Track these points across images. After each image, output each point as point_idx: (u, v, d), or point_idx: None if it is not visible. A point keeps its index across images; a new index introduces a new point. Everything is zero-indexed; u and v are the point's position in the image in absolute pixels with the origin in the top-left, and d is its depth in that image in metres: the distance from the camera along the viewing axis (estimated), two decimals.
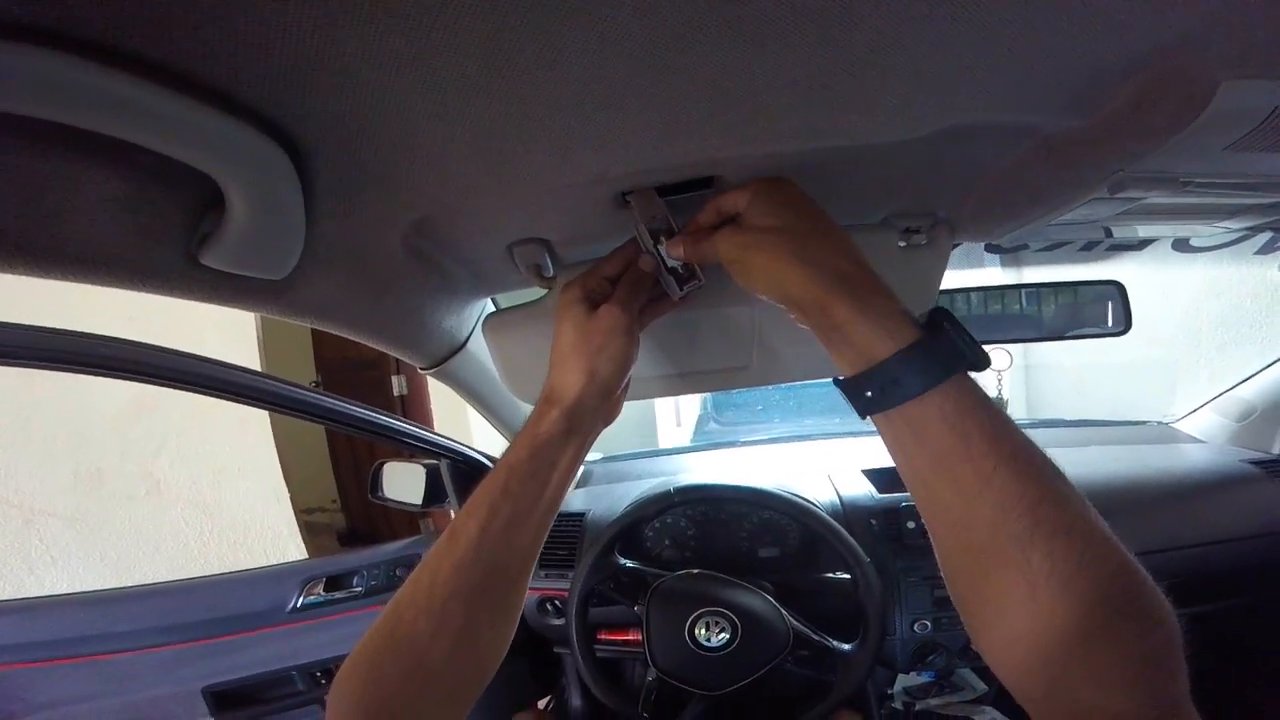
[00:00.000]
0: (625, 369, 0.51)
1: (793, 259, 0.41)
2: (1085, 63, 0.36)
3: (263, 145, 0.33)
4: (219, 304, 0.42)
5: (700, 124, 0.39)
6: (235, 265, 0.39)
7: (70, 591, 1.05)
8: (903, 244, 0.61)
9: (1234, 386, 1.45)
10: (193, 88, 0.28)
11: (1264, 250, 0.89)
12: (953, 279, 1.11)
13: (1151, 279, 1.95)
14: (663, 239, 0.50)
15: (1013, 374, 2.76)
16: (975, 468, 0.35)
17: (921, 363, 0.36)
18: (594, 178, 0.44)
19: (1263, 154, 0.42)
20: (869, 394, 0.38)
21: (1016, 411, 2.76)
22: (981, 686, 1.17)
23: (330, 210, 0.41)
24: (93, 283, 0.35)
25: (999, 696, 1.20)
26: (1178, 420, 1.59)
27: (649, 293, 0.53)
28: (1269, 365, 1.39)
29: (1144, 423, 1.63)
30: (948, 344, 0.36)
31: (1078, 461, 1.35)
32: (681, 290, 0.52)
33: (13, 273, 0.32)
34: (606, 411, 0.54)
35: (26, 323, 0.68)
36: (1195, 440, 1.50)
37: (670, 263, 0.51)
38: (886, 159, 0.47)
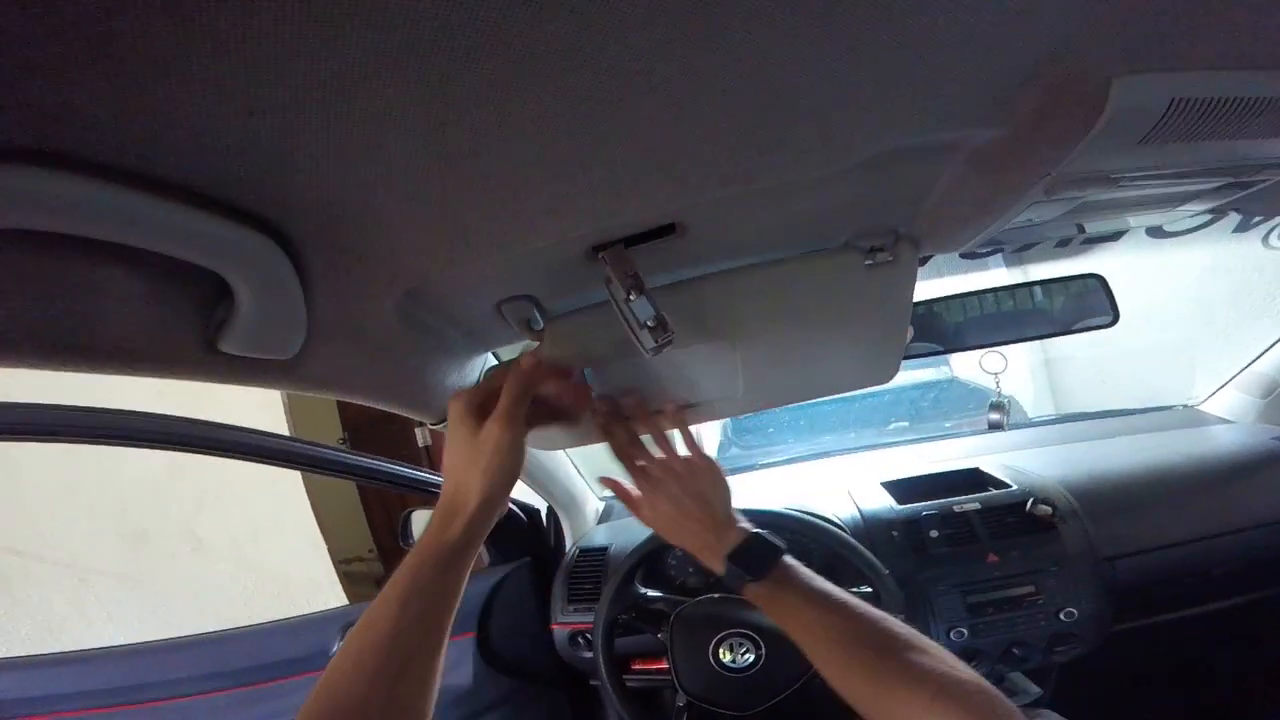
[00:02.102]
0: (513, 480, 0.56)
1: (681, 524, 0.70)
2: (983, 77, 0.38)
3: (255, 240, 0.36)
4: (236, 384, 0.46)
5: (645, 179, 0.42)
6: (247, 349, 0.42)
7: (126, 643, 1.10)
8: (869, 263, 0.63)
9: (1253, 361, 1.42)
10: (188, 196, 0.32)
11: (1240, 229, 0.89)
12: (960, 283, 1.13)
13: (1154, 263, 1.92)
14: (633, 294, 0.52)
15: (1035, 370, 2.72)
16: (797, 622, 0.61)
17: (730, 579, 0.66)
18: (559, 240, 0.47)
19: (1178, 143, 0.44)
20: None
21: (1042, 406, 2.71)
22: (1035, 690, 1.14)
23: (325, 290, 0.45)
24: (121, 374, 0.39)
25: (1056, 699, 1.17)
26: (1202, 402, 1.55)
27: (531, 400, 0.57)
28: None
29: (1169, 407, 1.60)
30: (735, 572, 0.65)
31: (1106, 455, 1.34)
32: (654, 344, 0.54)
33: (47, 369, 0.35)
34: (498, 510, 0.58)
35: (69, 403, 0.74)
36: (1223, 421, 1.47)
37: (642, 318, 0.53)
38: (831, 188, 0.49)
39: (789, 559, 0.66)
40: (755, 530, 0.67)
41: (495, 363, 0.76)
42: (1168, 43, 0.36)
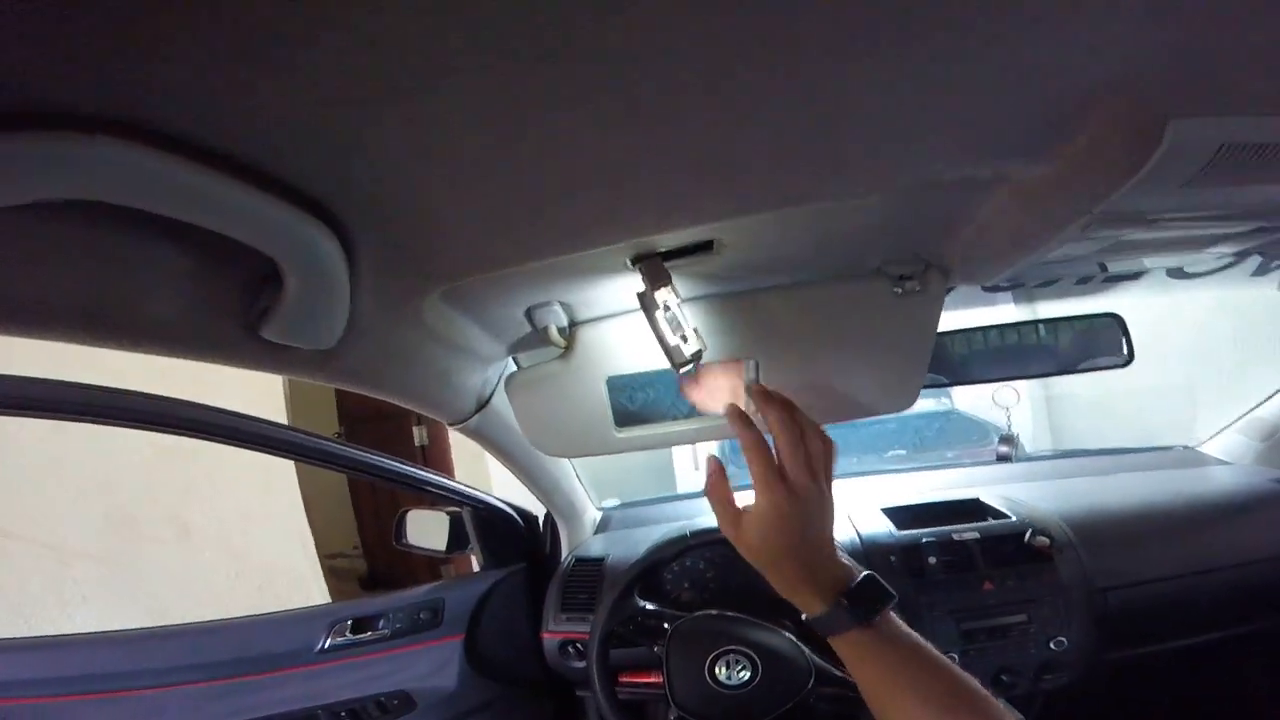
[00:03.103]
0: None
1: (760, 562, 0.58)
2: (1036, 112, 0.38)
3: (315, 228, 0.36)
4: (271, 372, 0.46)
5: (693, 195, 0.42)
6: (288, 337, 0.42)
7: (102, 630, 1.08)
8: (898, 290, 0.64)
9: (1256, 407, 1.43)
10: (254, 177, 0.32)
11: (1259, 273, 0.90)
12: (966, 318, 1.14)
13: (1161, 303, 1.94)
14: (668, 308, 0.53)
15: (1034, 405, 2.73)
16: (874, 675, 0.54)
17: (825, 623, 0.55)
18: (601, 249, 0.47)
19: (1218, 188, 0.44)
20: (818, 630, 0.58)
21: (1040, 442, 2.72)
22: (1019, 717, 1.14)
23: (370, 285, 0.45)
24: (158, 354, 0.38)
25: None
26: (1202, 444, 1.56)
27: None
28: None
29: (1169, 448, 1.61)
30: (838, 616, 0.55)
31: (1104, 490, 1.35)
32: (685, 359, 0.55)
33: (87, 344, 0.35)
34: None
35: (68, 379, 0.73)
36: (1221, 462, 1.48)
37: (673, 340, 0.54)
38: (870, 214, 0.50)
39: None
40: (867, 571, 0.58)
41: (516, 368, 0.76)
42: (1224, 86, 0.37)
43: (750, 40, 0.28)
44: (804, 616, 0.58)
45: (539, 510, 1.37)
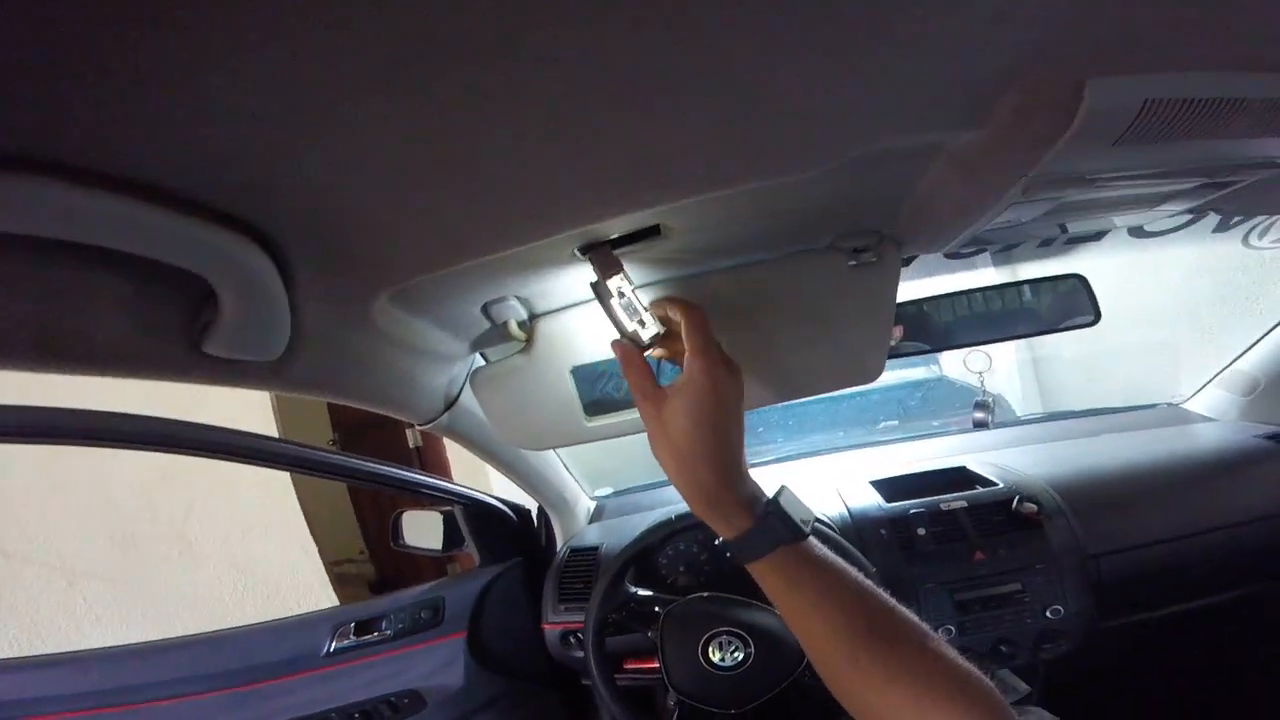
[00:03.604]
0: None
1: (678, 458, 0.53)
2: (959, 80, 0.39)
3: (240, 244, 0.37)
4: (223, 385, 0.46)
5: (627, 184, 0.42)
6: (233, 351, 0.42)
7: (110, 645, 1.10)
8: (852, 263, 0.64)
9: (1235, 360, 1.44)
10: (173, 200, 0.32)
11: (1220, 229, 0.90)
12: (944, 284, 1.14)
13: (1140, 262, 1.94)
14: (619, 294, 0.53)
15: (1021, 367, 2.74)
16: (804, 601, 0.51)
17: (751, 544, 0.52)
18: (544, 242, 0.47)
19: (1151, 145, 0.44)
20: (728, 554, 0.56)
21: (1029, 404, 2.74)
22: (1023, 687, 1.15)
23: (310, 293, 0.45)
24: (108, 375, 0.38)
25: (1045, 696, 1.19)
26: (1186, 400, 1.57)
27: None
28: (1264, 335, 1.38)
29: (1154, 406, 1.62)
30: (771, 531, 0.52)
31: (1091, 453, 1.36)
32: (643, 344, 0.55)
33: (37, 371, 0.35)
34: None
35: (59, 406, 0.74)
36: (1206, 419, 1.49)
37: (630, 326, 0.54)
38: (814, 189, 0.50)
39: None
40: (773, 507, 0.53)
41: (483, 364, 0.77)
42: (1140, 45, 0.37)
43: (672, 27, 0.28)
44: (721, 539, 0.54)
45: (533, 505, 1.38)
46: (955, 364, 2.63)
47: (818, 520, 0.58)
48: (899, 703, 0.45)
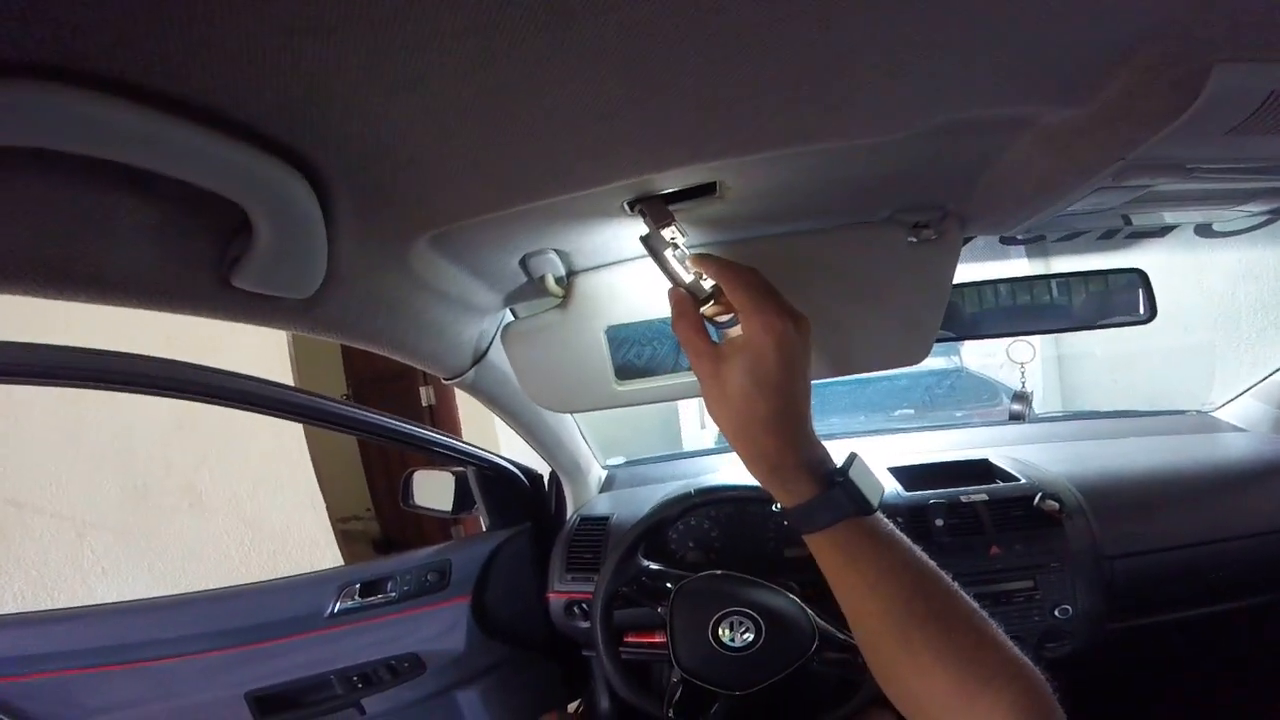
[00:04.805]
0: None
1: (737, 421, 0.49)
2: (1072, 52, 0.36)
3: (283, 172, 0.34)
4: (249, 323, 0.44)
5: (693, 132, 0.40)
6: (263, 286, 0.40)
7: (119, 600, 1.10)
8: (913, 239, 0.61)
9: (1274, 372, 1.40)
10: (215, 121, 0.30)
11: None
12: (978, 271, 1.11)
13: (1183, 264, 1.89)
14: (675, 248, 0.50)
15: (1045, 365, 2.70)
16: (862, 579, 0.47)
17: (813, 514, 0.48)
18: (597, 190, 0.45)
19: (1266, 137, 0.41)
20: (786, 523, 0.51)
21: (1050, 403, 2.70)
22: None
23: (349, 230, 0.43)
24: (132, 306, 0.37)
25: None
26: (1217, 409, 1.53)
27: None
28: None
29: (1183, 412, 1.58)
30: (835, 502, 0.48)
31: (1116, 454, 1.33)
32: (708, 297, 0.52)
33: (59, 298, 0.34)
34: None
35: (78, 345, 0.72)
36: (1237, 429, 1.46)
37: (688, 277, 0.51)
38: (885, 156, 0.47)
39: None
40: (840, 477, 0.48)
41: (513, 319, 0.74)
42: (1273, 30, 0.34)
43: None
44: (779, 505, 0.50)
45: (545, 469, 1.37)
46: (974, 357, 2.59)
47: None
48: (945, 688, 0.43)
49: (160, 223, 0.35)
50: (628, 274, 0.64)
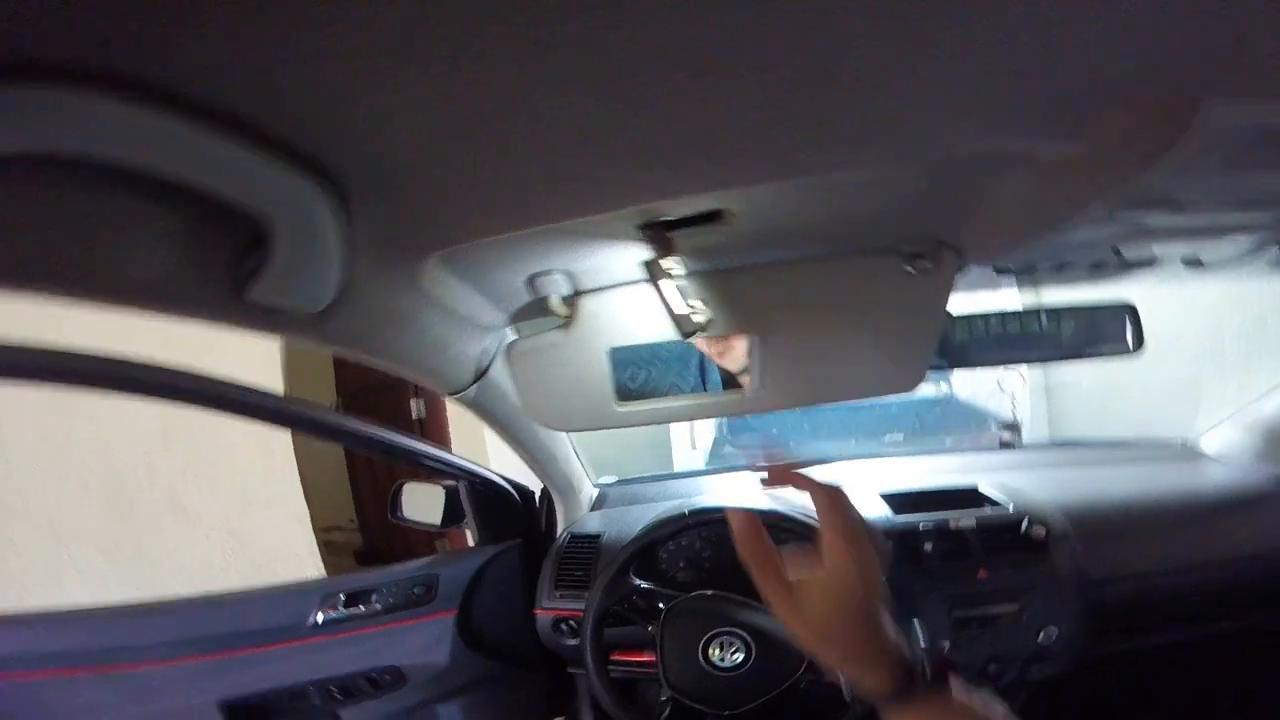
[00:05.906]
0: None
1: (821, 639, 0.49)
2: (1065, 89, 0.37)
3: (307, 185, 0.35)
4: (260, 334, 0.44)
5: (703, 160, 0.41)
6: (278, 299, 0.41)
7: (94, 604, 1.08)
8: (909, 269, 0.62)
9: (1254, 401, 1.43)
10: (242, 131, 0.30)
11: (1278, 263, 0.89)
12: (970, 301, 1.12)
13: (1169, 294, 1.92)
14: (674, 278, 0.51)
15: (1033, 393, 2.73)
16: None
17: (894, 695, 0.48)
18: (605, 216, 0.46)
19: (1256, 172, 0.43)
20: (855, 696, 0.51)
21: (1037, 431, 2.73)
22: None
23: (366, 246, 0.43)
24: (145, 313, 0.37)
25: (1022, 716, 1.18)
26: (1201, 437, 1.56)
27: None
28: None
29: (1167, 441, 1.61)
30: (914, 682, 0.48)
31: (1102, 482, 1.35)
32: (689, 329, 0.53)
33: (74, 303, 0.34)
34: None
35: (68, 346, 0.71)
36: (1221, 458, 1.48)
37: (683, 309, 0.53)
38: (884, 188, 0.48)
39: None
40: (925, 661, 0.50)
41: (516, 337, 0.75)
42: (1261, 68, 0.35)
43: (764, 3, 0.27)
44: (852, 691, 0.51)
45: (536, 486, 1.36)
46: (964, 385, 2.62)
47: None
48: None
49: (179, 232, 0.35)
50: (632, 296, 0.65)
